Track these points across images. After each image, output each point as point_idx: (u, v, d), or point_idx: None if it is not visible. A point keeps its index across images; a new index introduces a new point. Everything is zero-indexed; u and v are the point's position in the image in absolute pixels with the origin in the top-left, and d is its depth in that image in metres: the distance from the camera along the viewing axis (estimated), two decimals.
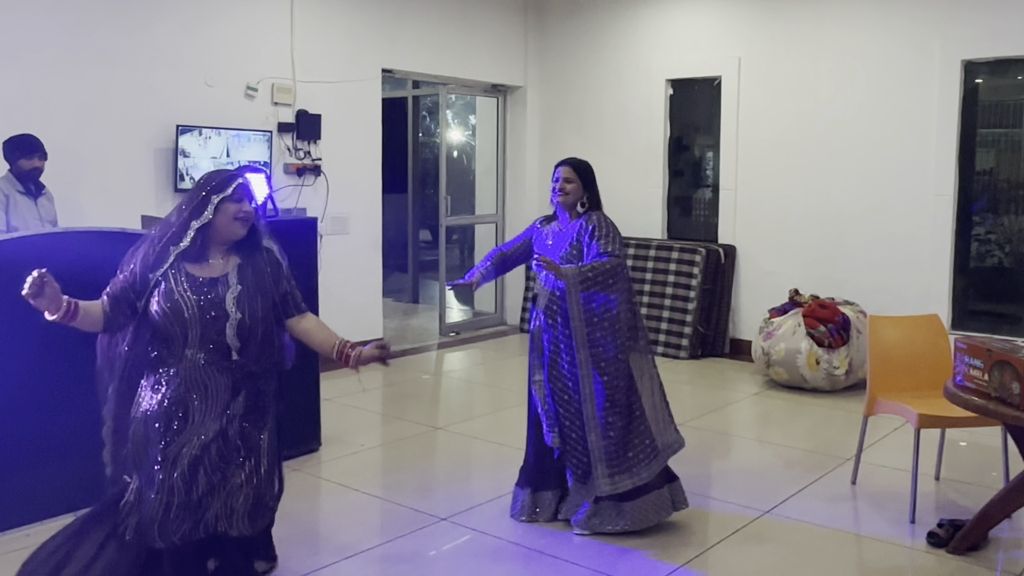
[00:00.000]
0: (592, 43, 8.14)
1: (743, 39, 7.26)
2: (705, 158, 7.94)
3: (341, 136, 6.91)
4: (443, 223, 8.23)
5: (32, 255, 3.74)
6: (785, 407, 5.95)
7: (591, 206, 3.90)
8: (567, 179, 3.87)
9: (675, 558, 3.59)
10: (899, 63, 6.50)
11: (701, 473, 4.76)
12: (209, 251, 2.96)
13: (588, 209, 3.88)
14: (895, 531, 3.85)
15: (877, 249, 6.66)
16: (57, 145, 5.01)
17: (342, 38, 6.92)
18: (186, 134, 5.85)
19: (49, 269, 3.42)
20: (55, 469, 3.82)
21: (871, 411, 4.29)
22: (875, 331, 4.37)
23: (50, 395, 3.79)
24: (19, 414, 3.71)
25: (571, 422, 3.77)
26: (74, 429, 3.84)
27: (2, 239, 3.90)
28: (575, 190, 3.87)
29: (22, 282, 3.65)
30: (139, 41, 5.70)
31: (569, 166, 3.90)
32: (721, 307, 7.37)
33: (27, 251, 3.73)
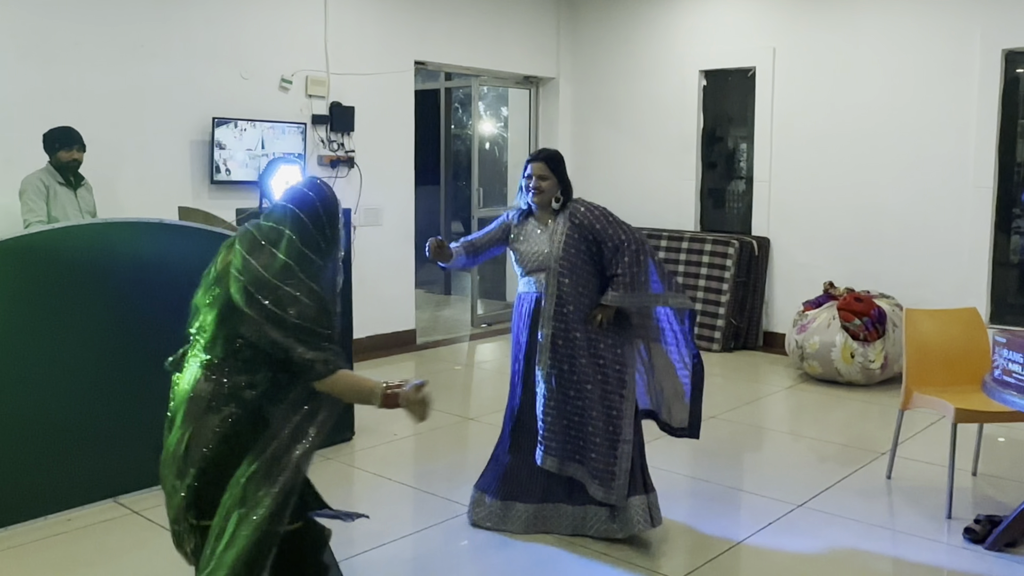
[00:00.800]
0: (625, 34, 8.10)
1: (778, 29, 7.18)
2: (739, 150, 7.88)
3: (374, 128, 6.95)
4: (475, 214, 8.24)
5: (71, 245, 3.82)
6: (819, 401, 5.90)
7: (567, 198, 3.71)
8: (541, 176, 3.65)
9: (708, 551, 3.58)
10: (938, 53, 6.40)
11: (734, 465, 4.75)
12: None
13: (565, 201, 3.69)
14: (931, 527, 3.81)
15: (914, 242, 6.58)
16: (96, 137, 5.08)
17: (375, 31, 6.95)
18: (222, 126, 5.91)
19: (88, 259, 3.50)
20: (97, 454, 3.89)
21: (907, 405, 4.24)
22: (912, 324, 4.32)
23: (92, 382, 3.86)
24: (63, 400, 3.78)
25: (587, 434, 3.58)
26: (116, 415, 3.92)
27: (43, 229, 3.98)
28: (550, 187, 3.65)
29: (63, 271, 3.75)
30: (176, 35, 5.76)
31: (541, 162, 3.68)
32: (754, 300, 7.32)
33: (67, 241, 3.79)
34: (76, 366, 3.81)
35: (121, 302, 3.91)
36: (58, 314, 3.74)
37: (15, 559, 3.45)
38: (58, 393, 3.78)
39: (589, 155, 8.45)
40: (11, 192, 4.76)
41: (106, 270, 3.87)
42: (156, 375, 4.00)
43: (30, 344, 3.68)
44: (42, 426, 3.74)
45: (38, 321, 3.69)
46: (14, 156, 4.96)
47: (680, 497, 4.26)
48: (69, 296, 3.78)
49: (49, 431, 3.76)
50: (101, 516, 3.84)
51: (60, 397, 3.78)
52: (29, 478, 3.72)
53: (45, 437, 3.75)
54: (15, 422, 3.66)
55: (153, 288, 3.94)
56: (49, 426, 3.76)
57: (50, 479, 3.79)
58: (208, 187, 5.94)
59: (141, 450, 3.99)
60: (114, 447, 3.93)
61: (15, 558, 3.46)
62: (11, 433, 3.65)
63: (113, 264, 3.88)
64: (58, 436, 3.79)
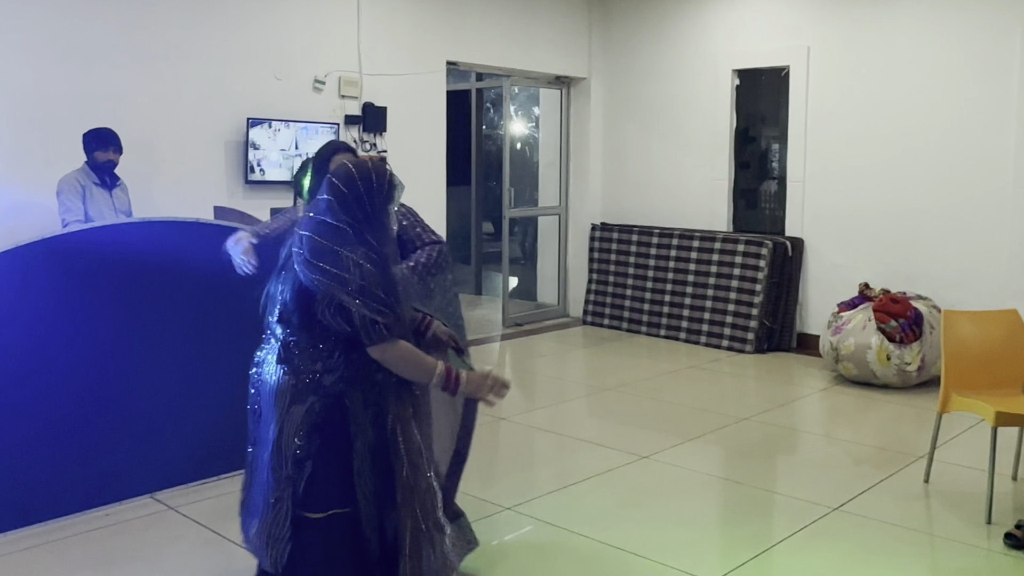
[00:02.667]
0: (657, 33, 8.06)
1: (812, 28, 7.11)
2: (772, 150, 7.81)
3: (406, 128, 6.97)
4: (506, 215, 8.24)
5: (107, 245, 3.87)
6: (854, 403, 5.83)
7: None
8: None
9: (742, 553, 3.54)
10: (977, 49, 6.30)
11: (768, 468, 4.70)
12: None
13: None
14: (970, 532, 3.74)
15: (951, 242, 6.48)
16: (132, 138, 5.14)
17: (407, 31, 6.97)
18: (256, 127, 5.96)
19: (123, 258, 3.54)
20: (134, 450, 3.93)
21: (945, 408, 4.17)
22: (950, 326, 4.25)
23: (128, 379, 3.90)
24: (99, 397, 3.83)
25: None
26: (152, 411, 3.96)
27: (79, 229, 4.03)
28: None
29: (99, 269, 3.80)
30: (211, 37, 5.82)
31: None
32: (788, 301, 7.25)
33: (102, 240, 3.84)
34: (112, 363, 3.86)
35: (157, 301, 3.95)
36: (95, 312, 3.79)
37: (55, 554, 3.50)
38: (94, 390, 3.83)
39: (621, 155, 8.42)
40: (49, 192, 4.83)
41: (142, 269, 3.91)
42: (191, 371, 4.06)
43: (67, 342, 3.73)
44: (79, 422, 3.79)
45: (75, 319, 3.74)
46: (52, 157, 5.03)
47: (713, 499, 4.23)
48: (106, 294, 3.83)
49: (86, 427, 3.81)
50: (138, 512, 3.89)
51: (96, 394, 3.83)
52: (66, 474, 3.77)
53: (82, 433, 3.80)
54: (52, 418, 3.71)
55: (188, 287, 3.98)
56: (86, 422, 3.81)
57: (87, 475, 3.84)
58: (243, 187, 5.99)
59: (178, 446, 4.06)
60: (151, 443, 3.97)
61: (55, 553, 3.51)
62: (49, 429, 3.71)
63: (149, 263, 3.93)
64: (95, 432, 3.84)
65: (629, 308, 8.04)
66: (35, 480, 3.69)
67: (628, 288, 8.07)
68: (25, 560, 3.45)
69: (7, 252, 3.61)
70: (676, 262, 7.73)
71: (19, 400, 3.63)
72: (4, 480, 3.61)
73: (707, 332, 7.47)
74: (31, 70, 5.06)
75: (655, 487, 4.27)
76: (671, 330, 7.71)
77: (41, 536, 3.64)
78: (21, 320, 3.62)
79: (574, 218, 8.64)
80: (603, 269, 8.27)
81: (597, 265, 8.34)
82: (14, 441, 3.62)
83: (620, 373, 6.62)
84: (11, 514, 3.65)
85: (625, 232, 8.15)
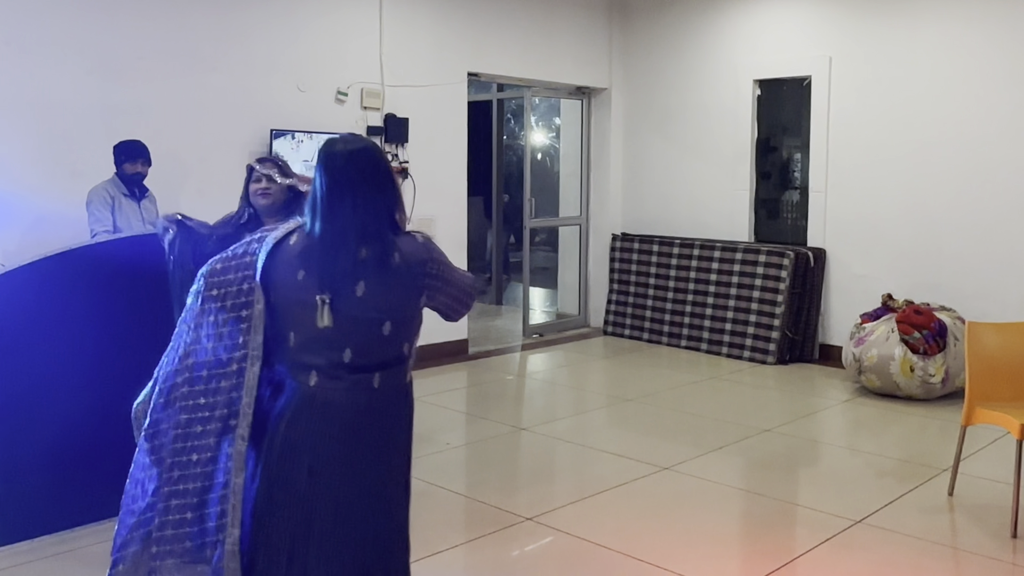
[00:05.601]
0: (678, 44, 8.07)
1: (834, 37, 7.09)
2: (793, 159, 7.79)
3: (428, 139, 7.01)
4: (527, 225, 8.26)
5: (135, 255, 3.91)
6: (877, 415, 5.79)
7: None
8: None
9: (763, 566, 3.53)
10: (1000, 60, 6.26)
11: (789, 480, 4.68)
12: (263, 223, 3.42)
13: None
14: (996, 546, 3.71)
15: (976, 253, 6.43)
16: (159, 149, 5.20)
17: (429, 43, 7.02)
18: (280, 138, 6.02)
19: (149, 268, 3.61)
20: None
21: (969, 420, 4.14)
22: (974, 338, 4.22)
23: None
24: (126, 407, 3.87)
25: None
26: None
27: (109, 240, 4.09)
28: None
29: (128, 279, 3.85)
30: (235, 49, 5.89)
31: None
32: (810, 312, 7.21)
33: (130, 251, 3.89)
34: (138, 373, 3.89)
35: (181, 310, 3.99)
36: (122, 322, 3.83)
37: (81, 560, 3.55)
38: (121, 398, 3.86)
39: (642, 165, 8.42)
40: (77, 203, 4.90)
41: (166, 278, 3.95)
42: None
43: (96, 351, 3.78)
44: (107, 431, 3.83)
45: (103, 329, 3.78)
46: (80, 168, 5.11)
47: (735, 511, 4.22)
48: (134, 304, 3.87)
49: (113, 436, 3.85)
50: None
51: (123, 402, 3.87)
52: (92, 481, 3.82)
53: (109, 441, 3.84)
54: (81, 426, 3.76)
55: None
56: (113, 431, 3.85)
57: (113, 482, 3.88)
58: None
59: None
60: None
61: (81, 560, 3.56)
62: (76, 437, 3.75)
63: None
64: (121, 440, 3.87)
65: (650, 319, 8.03)
66: (61, 487, 3.74)
67: (649, 298, 8.06)
68: (51, 567, 3.49)
69: (36, 263, 3.67)
70: (697, 272, 7.72)
71: (47, 408, 3.68)
72: (31, 487, 3.67)
73: (729, 343, 7.45)
74: (60, 82, 5.14)
75: (676, 499, 4.26)
76: (692, 341, 7.69)
77: (68, 543, 3.69)
78: (51, 330, 3.68)
79: (595, 228, 8.64)
80: (624, 279, 8.27)
81: (618, 275, 8.34)
82: (41, 448, 3.67)
83: (641, 384, 6.61)
84: (38, 521, 3.70)
85: (646, 242, 8.14)
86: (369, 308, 2.14)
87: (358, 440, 2.18)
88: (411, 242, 2.22)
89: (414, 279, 2.19)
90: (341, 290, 2.12)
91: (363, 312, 2.14)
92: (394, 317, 2.18)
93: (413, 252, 2.20)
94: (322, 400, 2.15)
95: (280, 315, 2.18)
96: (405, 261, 2.17)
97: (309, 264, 2.14)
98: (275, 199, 3.64)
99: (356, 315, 2.13)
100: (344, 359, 2.14)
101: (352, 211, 2.15)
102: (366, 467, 2.20)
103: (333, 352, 2.14)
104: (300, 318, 2.14)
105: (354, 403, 2.17)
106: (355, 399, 2.17)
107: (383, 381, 2.20)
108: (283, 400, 2.18)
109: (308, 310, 2.12)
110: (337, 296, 2.12)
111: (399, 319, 2.19)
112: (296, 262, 2.16)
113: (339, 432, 2.16)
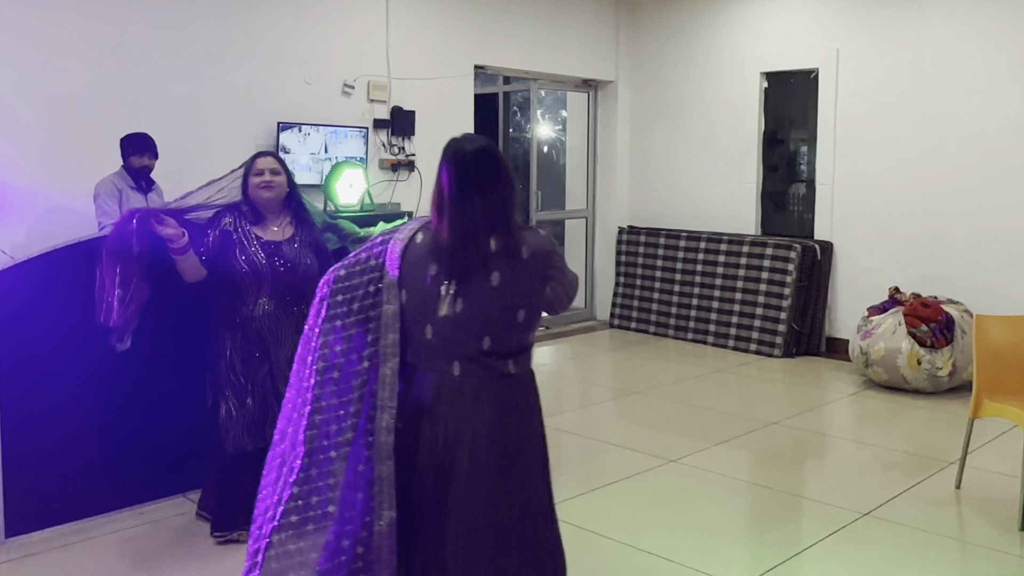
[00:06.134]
0: (684, 36, 8.04)
1: (841, 30, 7.06)
2: (800, 152, 7.77)
3: (434, 132, 6.99)
4: (533, 218, 8.26)
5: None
6: (884, 408, 5.78)
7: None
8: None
9: (770, 558, 3.53)
10: (1009, 51, 6.23)
11: (796, 472, 4.68)
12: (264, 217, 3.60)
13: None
14: (1003, 539, 3.71)
15: (983, 246, 6.41)
16: (166, 142, 5.21)
17: (436, 36, 7.02)
18: (286, 131, 6.02)
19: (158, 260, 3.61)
20: (166, 452, 3.98)
21: (977, 413, 4.14)
22: (982, 331, 4.21)
23: (166, 380, 3.95)
24: (132, 399, 3.89)
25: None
26: (183, 412, 4.01)
27: None
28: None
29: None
30: (242, 42, 5.89)
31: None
32: (817, 305, 7.20)
33: None
34: (145, 364, 3.91)
35: (191, 302, 3.99)
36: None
37: (89, 552, 3.57)
38: (128, 390, 3.89)
39: (648, 158, 8.41)
40: (84, 195, 4.91)
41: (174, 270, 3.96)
42: None
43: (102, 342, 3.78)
44: (113, 422, 3.85)
45: None
46: (87, 161, 5.12)
47: (742, 503, 4.23)
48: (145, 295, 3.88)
49: (119, 427, 3.87)
50: (171, 511, 3.94)
51: (130, 394, 3.89)
52: (100, 473, 3.84)
53: (116, 432, 3.86)
54: (86, 418, 3.78)
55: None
56: (119, 422, 3.87)
57: (120, 474, 3.90)
58: None
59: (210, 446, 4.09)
60: (183, 443, 4.01)
61: (89, 551, 3.58)
62: (83, 428, 3.78)
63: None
64: (128, 432, 3.89)
65: (656, 311, 8.02)
66: (69, 479, 3.76)
67: (655, 291, 8.05)
68: (61, 557, 3.51)
69: (44, 255, 3.68)
70: (704, 265, 7.71)
71: (54, 400, 3.70)
72: (40, 479, 3.69)
73: (735, 336, 7.44)
74: (67, 76, 5.15)
75: (683, 491, 4.27)
76: (699, 334, 7.69)
77: (77, 534, 3.71)
78: (58, 321, 3.70)
79: (601, 221, 8.64)
80: (630, 272, 8.27)
81: (624, 268, 8.33)
82: (49, 440, 3.69)
83: (648, 377, 6.61)
84: (47, 512, 3.72)
85: (652, 235, 8.14)
86: (504, 297, 2.25)
87: (506, 423, 2.30)
88: (535, 235, 2.34)
89: (541, 270, 2.31)
90: (476, 282, 2.23)
91: (499, 301, 2.25)
92: (527, 305, 2.29)
93: (539, 244, 2.31)
94: (469, 387, 2.26)
95: (414, 312, 2.29)
96: (532, 253, 2.29)
97: (441, 259, 2.25)
98: (278, 193, 3.65)
99: (493, 304, 2.25)
100: (484, 347, 2.26)
101: (482, 206, 2.26)
102: (515, 448, 2.33)
103: (473, 341, 2.25)
104: (437, 312, 2.25)
105: (498, 388, 2.29)
106: (497, 385, 2.29)
107: (517, 366, 2.32)
108: (426, 392, 2.29)
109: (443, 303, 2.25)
110: (473, 288, 2.23)
111: (531, 307, 2.31)
112: (427, 259, 2.27)
113: (489, 417, 2.27)
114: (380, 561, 2.26)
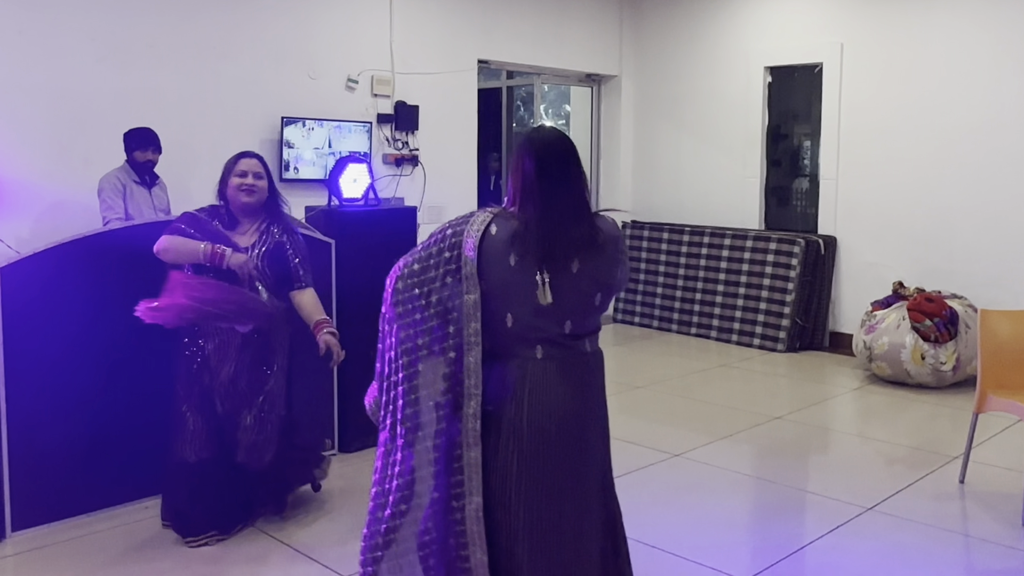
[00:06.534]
0: (688, 30, 8.03)
1: (846, 24, 7.05)
2: (804, 147, 7.76)
3: (438, 126, 7.01)
4: None
5: (146, 241, 3.92)
6: (888, 403, 5.78)
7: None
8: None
9: (774, 553, 3.54)
10: (1013, 46, 6.22)
11: (800, 467, 4.68)
12: (239, 222, 3.56)
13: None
14: (1007, 533, 3.71)
15: (988, 240, 6.40)
16: (170, 137, 5.22)
17: (439, 30, 7.01)
18: (290, 126, 6.02)
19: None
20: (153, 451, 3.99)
21: (981, 408, 4.14)
22: (986, 325, 4.21)
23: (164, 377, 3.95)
24: (137, 394, 3.90)
25: None
26: None
27: (120, 227, 4.11)
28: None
29: (139, 265, 3.87)
30: (246, 37, 5.89)
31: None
32: (820, 299, 7.20)
33: (142, 238, 3.89)
34: (148, 359, 3.92)
35: None
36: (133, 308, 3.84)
37: (96, 545, 3.58)
38: (132, 385, 3.89)
39: (652, 153, 8.40)
40: (89, 190, 4.92)
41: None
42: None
43: (107, 337, 3.80)
44: (117, 417, 3.86)
45: (114, 315, 3.80)
46: (92, 155, 5.12)
47: (746, 498, 4.23)
48: (145, 291, 3.88)
49: (123, 422, 3.88)
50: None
51: (134, 389, 3.90)
52: (106, 467, 3.85)
53: (120, 428, 3.87)
54: (91, 413, 3.79)
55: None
56: (123, 417, 3.88)
57: (127, 468, 3.91)
58: (278, 185, 6.00)
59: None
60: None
61: (96, 544, 3.59)
62: (87, 424, 3.79)
63: None
64: (133, 427, 3.90)
65: (660, 306, 8.02)
66: (75, 473, 3.77)
67: (659, 286, 8.05)
68: (66, 551, 3.52)
69: (49, 249, 3.69)
70: (707, 260, 7.71)
71: (60, 394, 3.71)
72: (45, 474, 3.70)
73: (738, 330, 7.44)
74: (71, 71, 5.15)
75: (687, 485, 4.27)
76: (702, 328, 7.69)
77: (83, 527, 3.72)
78: (61, 316, 3.70)
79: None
80: (633, 267, 8.26)
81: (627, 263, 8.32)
82: (53, 435, 3.70)
83: (651, 371, 6.62)
84: (53, 506, 3.73)
85: (656, 230, 8.13)
86: (583, 282, 2.31)
87: (586, 399, 2.41)
88: (606, 221, 2.40)
89: (613, 254, 2.38)
90: (559, 268, 2.29)
91: (579, 286, 2.31)
92: (603, 289, 2.37)
93: (610, 231, 2.39)
94: (554, 369, 2.34)
95: (495, 301, 2.32)
96: (605, 239, 2.35)
97: (523, 247, 2.28)
98: (258, 199, 3.58)
99: (573, 290, 2.31)
100: (565, 330, 2.33)
101: (565, 194, 2.33)
102: (594, 420, 2.46)
103: (555, 325, 2.32)
104: (518, 299, 2.30)
105: (579, 367, 2.38)
106: (578, 364, 2.38)
107: (591, 346, 2.42)
108: (511, 376, 2.34)
109: (527, 291, 2.28)
110: (556, 274, 2.28)
111: (606, 290, 2.39)
112: (506, 248, 2.30)
113: (574, 394, 2.37)
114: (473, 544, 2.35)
